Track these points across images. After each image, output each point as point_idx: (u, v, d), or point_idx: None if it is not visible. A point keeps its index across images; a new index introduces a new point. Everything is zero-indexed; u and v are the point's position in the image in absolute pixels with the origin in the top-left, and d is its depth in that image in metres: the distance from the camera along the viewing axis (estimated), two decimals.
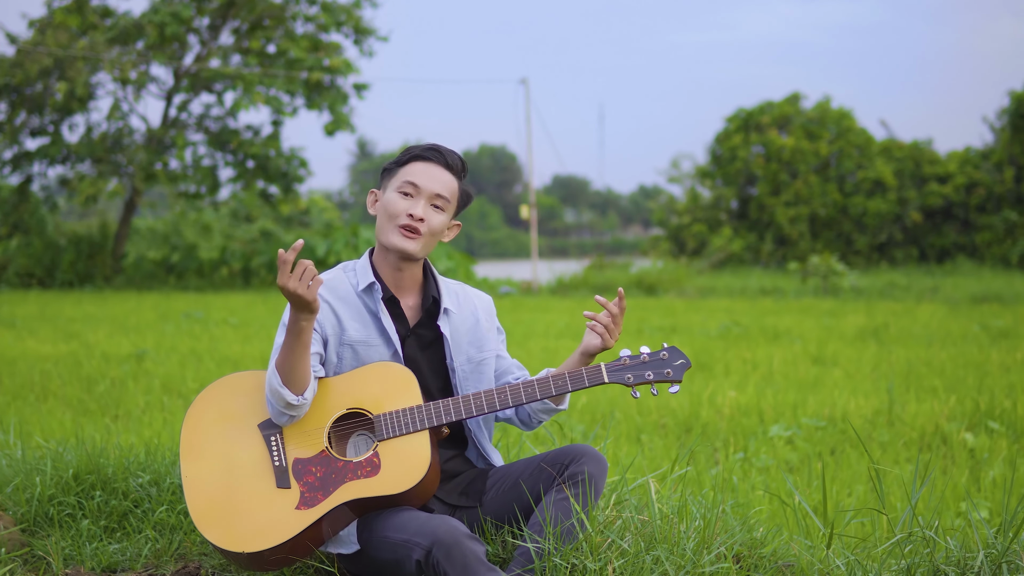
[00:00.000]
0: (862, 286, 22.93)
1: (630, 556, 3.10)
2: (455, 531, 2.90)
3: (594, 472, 3.15)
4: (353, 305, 3.25)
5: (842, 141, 33.71)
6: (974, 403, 7.04)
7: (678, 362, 3.21)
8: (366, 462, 3.09)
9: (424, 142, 3.32)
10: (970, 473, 5.60)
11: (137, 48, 24.73)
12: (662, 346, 3.25)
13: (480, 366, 3.34)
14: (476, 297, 3.44)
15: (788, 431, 6.47)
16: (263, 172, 26.06)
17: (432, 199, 3.24)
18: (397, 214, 3.22)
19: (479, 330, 3.37)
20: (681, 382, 3.22)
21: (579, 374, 3.19)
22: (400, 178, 3.25)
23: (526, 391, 3.17)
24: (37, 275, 24.82)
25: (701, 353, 10.42)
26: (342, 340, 3.22)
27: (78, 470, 4.11)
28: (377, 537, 3.05)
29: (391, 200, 3.24)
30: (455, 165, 3.29)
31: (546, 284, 24.67)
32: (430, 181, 3.24)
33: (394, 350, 3.23)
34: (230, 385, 3.25)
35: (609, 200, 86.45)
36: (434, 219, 3.24)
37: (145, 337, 12.04)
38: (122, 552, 3.67)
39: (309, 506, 3.07)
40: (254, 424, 3.18)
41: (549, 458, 3.22)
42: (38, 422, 6.43)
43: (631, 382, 3.20)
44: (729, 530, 3.46)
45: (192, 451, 3.18)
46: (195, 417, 3.22)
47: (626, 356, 3.24)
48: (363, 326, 3.23)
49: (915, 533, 3.28)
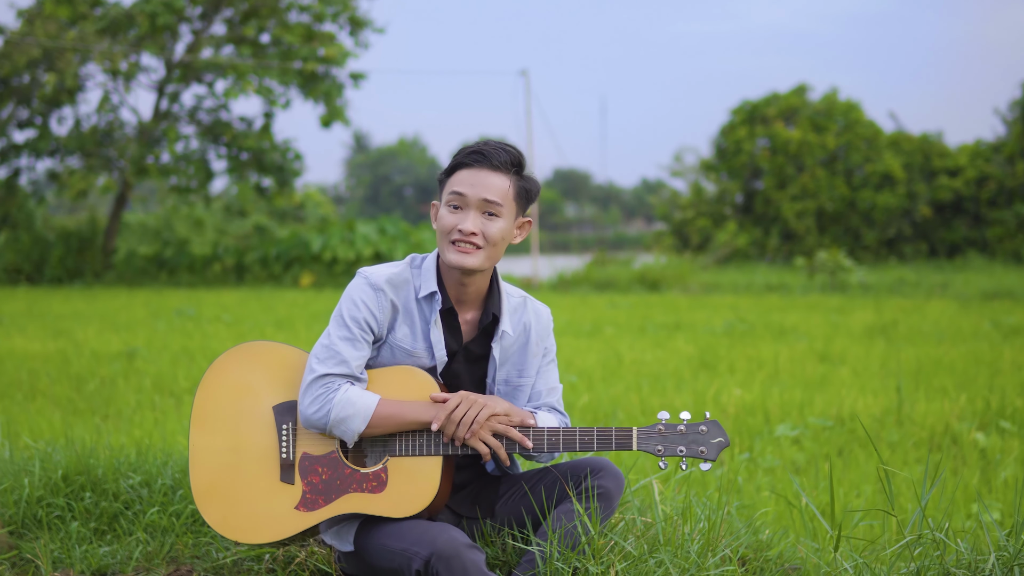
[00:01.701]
0: (870, 282, 22.93)
1: (633, 559, 3.10)
2: (455, 541, 2.89)
3: (611, 488, 3.12)
4: (409, 308, 3.16)
5: (850, 134, 33.70)
6: (985, 402, 7.03)
7: (716, 440, 3.07)
8: (373, 476, 3.07)
9: (474, 142, 3.16)
10: (981, 474, 5.60)
11: (128, 38, 24.71)
12: (704, 417, 3.11)
13: (516, 391, 3.26)
14: (535, 314, 3.30)
15: (795, 431, 6.47)
16: (257, 165, 26.07)
17: (482, 207, 3.10)
18: (448, 230, 3.10)
19: (526, 353, 3.27)
20: (715, 461, 3.09)
21: (608, 435, 3.05)
22: (448, 190, 3.13)
23: (549, 440, 3.08)
24: (25, 271, 24.82)
25: (705, 351, 10.42)
26: (387, 340, 3.15)
27: (67, 471, 4.11)
28: (375, 543, 3.05)
29: (442, 216, 3.12)
30: (503, 163, 3.11)
31: (547, 280, 24.66)
32: (475, 189, 3.09)
33: (434, 364, 3.16)
34: (252, 353, 3.21)
35: (611, 194, 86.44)
36: (490, 228, 3.10)
37: (136, 335, 12.03)
38: (112, 555, 3.67)
39: (308, 509, 3.07)
40: (269, 405, 3.16)
41: (566, 469, 3.19)
42: (26, 422, 6.42)
43: (661, 454, 3.07)
44: (734, 532, 3.45)
45: (203, 421, 3.17)
46: (212, 383, 3.19)
47: (662, 423, 3.09)
48: (412, 334, 3.16)
49: (925, 535, 3.28)
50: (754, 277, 24.90)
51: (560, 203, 77.11)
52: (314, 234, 25.38)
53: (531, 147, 27.52)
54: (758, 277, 24.85)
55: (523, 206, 3.18)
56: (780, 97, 34.84)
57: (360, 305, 3.11)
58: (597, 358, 9.97)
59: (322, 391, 3.03)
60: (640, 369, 9.27)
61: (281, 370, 3.18)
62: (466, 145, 3.16)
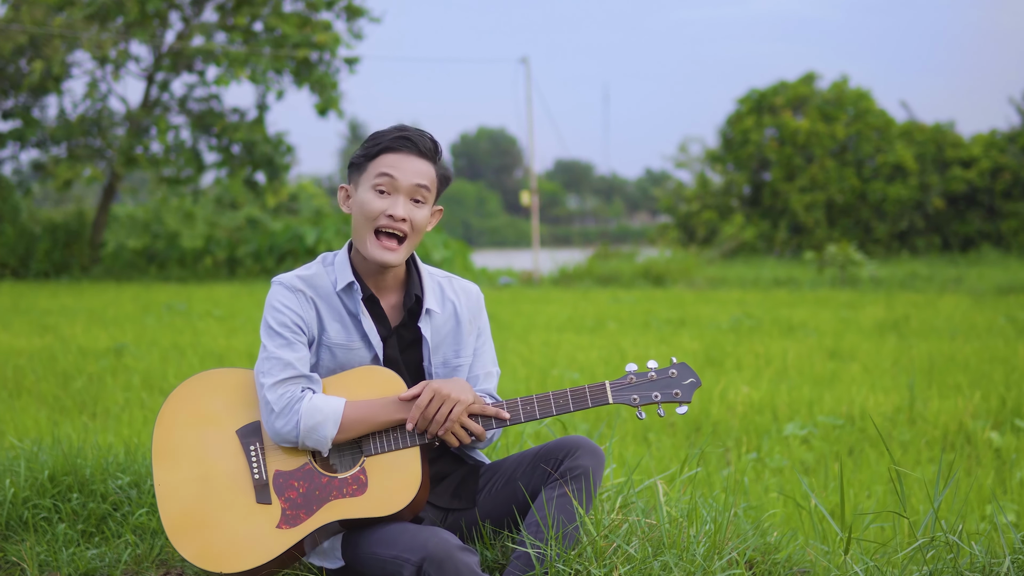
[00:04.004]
0: (881, 276, 22.94)
1: (637, 562, 3.10)
2: (446, 544, 2.89)
3: (591, 465, 3.13)
4: (332, 304, 3.19)
5: (860, 123, 33.69)
6: (1000, 400, 7.03)
7: (687, 381, 3.16)
8: (352, 479, 3.07)
9: (389, 127, 3.19)
10: (996, 474, 5.60)
11: (116, 25, 24.69)
12: (671, 362, 3.19)
13: (455, 372, 3.28)
14: (462, 292, 3.34)
15: (803, 430, 6.47)
16: (249, 158, 26.04)
17: (411, 192, 3.14)
18: (375, 215, 3.12)
19: (459, 333, 3.29)
20: (690, 403, 3.18)
21: (582, 393, 3.12)
22: (372, 173, 3.14)
23: (525, 409, 3.13)
24: (10, 265, 24.81)
25: (712, 347, 10.42)
26: (321, 341, 3.18)
27: (54, 471, 4.11)
28: (364, 553, 3.04)
29: (367, 200, 3.13)
30: (429, 150, 3.17)
31: (548, 274, 24.67)
32: (406, 174, 3.12)
33: (375, 354, 3.19)
34: (207, 382, 3.21)
35: (614, 186, 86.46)
36: (416, 214, 3.15)
37: (124, 330, 12.03)
38: (100, 558, 3.66)
39: (291, 525, 3.05)
40: (232, 429, 3.15)
41: (543, 452, 3.21)
42: (11, 420, 6.43)
43: (637, 403, 3.15)
44: (741, 534, 3.45)
45: (166, 456, 3.15)
46: (169, 417, 3.19)
47: (632, 373, 3.17)
48: (343, 328, 3.18)
49: (938, 538, 3.27)
50: (762, 271, 24.90)
51: (561, 195, 77.15)
52: (308, 227, 25.38)
53: (532, 137, 27.51)
54: (766, 271, 24.86)
55: (439, 193, 3.25)
56: (788, 86, 34.84)
57: (283, 309, 3.14)
58: (599, 354, 9.97)
59: (285, 403, 3.05)
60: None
61: (239, 393, 3.18)
62: (379, 132, 3.19)
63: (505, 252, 42.17)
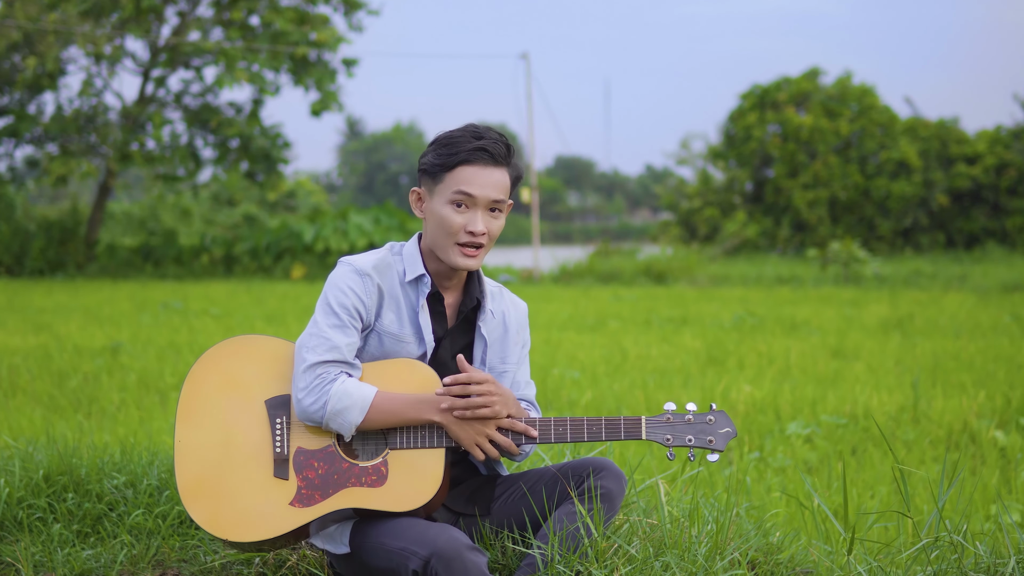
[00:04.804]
0: (885, 274, 22.94)
1: (638, 562, 3.10)
2: (456, 541, 2.90)
3: (613, 489, 3.15)
4: (394, 294, 3.20)
5: (864, 119, 33.67)
6: (1005, 399, 7.03)
7: (724, 430, 3.17)
8: (372, 469, 3.08)
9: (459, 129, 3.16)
10: (1001, 474, 5.60)
11: (111, 21, 24.68)
12: (710, 408, 3.19)
13: (500, 378, 3.31)
14: (512, 304, 3.38)
15: (806, 429, 6.47)
16: (245, 152, 26.02)
17: (489, 206, 3.16)
18: (455, 231, 3.13)
19: (507, 340, 3.33)
20: (723, 451, 3.19)
21: (616, 424, 3.13)
22: (450, 187, 3.13)
23: (556, 431, 3.14)
24: (5, 263, 24.81)
25: (714, 346, 10.43)
26: (374, 328, 3.18)
27: (49, 471, 4.11)
28: (372, 542, 3.05)
29: (445, 215, 3.14)
30: (503, 156, 3.16)
31: (548, 272, 24.67)
32: (484, 189, 3.13)
33: (424, 351, 3.20)
34: (242, 347, 3.21)
35: (615, 182, 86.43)
36: (494, 225, 3.18)
37: (120, 329, 12.03)
38: (96, 558, 3.66)
39: (304, 505, 3.07)
40: (261, 399, 3.15)
41: (566, 469, 3.22)
42: (6, 420, 6.43)
43: (670, 443, 3.15)
44: (743, 535, 3.46)
45: (190, 415, 3.15)
46: (199, 376, 3.18)
47: (670, 412, 3.19)
48: (399, 319, 3.19)
49: (942, 538, 3.28)
50: (764, 269, 24.90)
51: (562, 192, 77.12)
52: (306, 224, 25.36)
53: (532, 133, 27.51)
54: (768, 269, 24.86)
55: (512, 192, 3.26)
56: (791, 81, 34.81)
57: (348, 292, 3.14)
58: (601, 353, 9.97)
59: (317, 382, 3.05)
60: (645, 365, 9.27)
61: (273, 363, 3.18)
62: (453, 133, 3.15)
63: (505, 249, 42.13)
